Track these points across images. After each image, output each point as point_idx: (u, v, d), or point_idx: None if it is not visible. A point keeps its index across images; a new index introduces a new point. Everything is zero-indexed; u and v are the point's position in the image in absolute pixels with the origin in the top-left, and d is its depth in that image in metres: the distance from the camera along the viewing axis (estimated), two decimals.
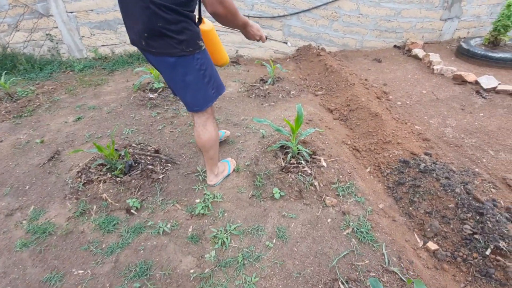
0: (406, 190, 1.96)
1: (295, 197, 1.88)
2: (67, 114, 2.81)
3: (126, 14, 1.35)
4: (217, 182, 1.99)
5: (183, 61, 1.38)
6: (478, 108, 2.88)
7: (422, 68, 3.74)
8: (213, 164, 1.88)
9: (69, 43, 3.91)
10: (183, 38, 1.32)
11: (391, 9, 4.15)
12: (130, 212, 1.79)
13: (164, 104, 2.89)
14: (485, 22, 4.61)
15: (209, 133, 1.67)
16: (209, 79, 1.51)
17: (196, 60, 1.41)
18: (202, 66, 1.45)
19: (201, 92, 1.51)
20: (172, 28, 1.28)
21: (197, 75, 1.45)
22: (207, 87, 1.52)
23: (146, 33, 1.30)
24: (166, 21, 1.26)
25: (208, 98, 1.56)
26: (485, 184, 1.99)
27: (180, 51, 1.34)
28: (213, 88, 1.56)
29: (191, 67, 1.42)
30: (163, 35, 1.29)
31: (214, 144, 1.74)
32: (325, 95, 3.19)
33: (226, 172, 2.05)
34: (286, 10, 3.95)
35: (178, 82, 1.47)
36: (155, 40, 1.31)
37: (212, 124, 1.68)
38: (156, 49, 1.34)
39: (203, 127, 1.65)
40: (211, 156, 1.81)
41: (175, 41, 1.31)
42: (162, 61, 1.39)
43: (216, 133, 1.71)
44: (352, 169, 2.11)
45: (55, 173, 2.09)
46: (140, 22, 1.28)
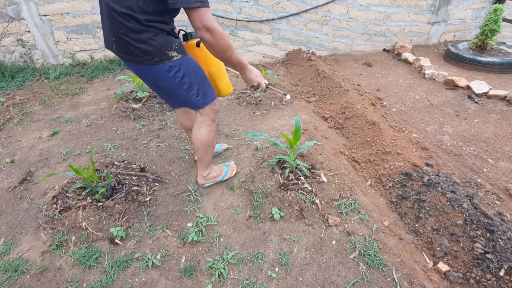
0: (410, 205, 1.87)
1: (296, 217, 1.75)
2: (41, 128, 2.56)
3: (102, 17, 1.34)
4: (205, 184, 1.94)
5: (154, 69, 1.33)
6: (472, 113, 2.86)
7: (413, 73, 3.72)
8: (202, 165, 1.84)
9: (43, 48, 3.62)
10: (146, 49, 1.26)
11: (380, 13, 4.12)
12: (114, 242, 1.60)
13: (149, 115, 2.69)
14: (470, 25, 4.67)
15: (200, 135, 1.64)
16: (189, 86, 1.44)
17: (169, 68, 1.34)
18: (177, 74, 1.37)
19: (182, 98, 1.48)
20: (134, 37, 1.23)
21: (173, 82, 1.39)
22: (188, 94, 1.46)
23: (114, 38, 1.28)
24: (128, 30, 1.22)
25: (193, 105, 1.52)
26: (489, 196, 1.93)
27: (145, 61, 1.30)
28: (198, 95, 1.49)
29: (164, 74, 1.36)
30: (126, 42, 1.25)
31: (205, 147, 1.70)
32: (319, 101, 3.09)
33: (220, 178, 1.96)
34: (275, 13, 3.83)
35: (155, 88, 1.47)
36: (121, 46, 1.29)
37: (207, 127, 1.63)
38: (124, 55, 1.32)
39: (198, 127, 1.64)
40: (200, 157, 1.78)
41: (138, 50, 1.27)
42: (134, 67, 1.37)
43: (208, 139, 1.66)
44: (353, 182, 2.00)
45: (27, 198, 1.86)
46: (108, 27, 1.28)
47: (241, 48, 4.04)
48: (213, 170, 1.93)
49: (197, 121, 1.63)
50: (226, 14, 3.73)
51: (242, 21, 3.79)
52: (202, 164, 1.83)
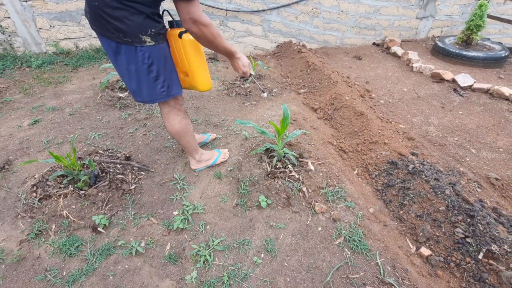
0: (395, 193, 1.89)
1: (283, 204, 1.74)
2: (21, 116, 2.47)
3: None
4: (198, 168, 1.95)
5: (125, 49, 1.30)
6: (456, 106, 2.91)
7: (402, 66, 3.76)
8: (190, 151, 1.86)
9: (24, 35, 3.48)
10: (119, 26, 1.22)
11: (370, 6, 4.13)
12: (97, 230, 1.56)
13: (135, 104, 2.63)
14: (457, 21, 4.75)
15: (172, 126, 1.63)
16: (157, 75, 1.41)
17: (140, 52, 1.31)
18: (146, 60, 1.34)
19: (145, 86, 1.43)
20: (108, 12, 1.19)
21: (141, 67, 1.36)
22: (154, 83, 1.43)
23: (88, 9, 1.25)
24: (103, 3, 1.18)
25: (155, 95, 1.46)
26: (471, 183, 1.97)
27: (117, 38, 1.26)
28: (163, 86, 1.46)
29: (134, 57, 1.32)
30: (99, 16, 1.22)
31: (182, 136, 1.69)
32: (308, 93, 3.09)
33: (211, 162, 1.98)
34: (266, 4, 3.79)
35: (122, 69, 1.38)
36: (95, 19, 1.25)
37: (175, 116, 1.61)
38: (97, 28, 1.28)
39: (167, 119, 1.62)
40: (184, 146, 1.80)
41: (111, 26, 1.23)
42: (105, 42, 1.31)
43: (182, 127, 1.65)
44: (340, 171, 2.01)
45: (5, 187, 1.79)
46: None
47: (231, 39, 3.99)
48: (204, 154, 1.95)
49: (163, 113, 1.61)
50: (216, 4, 3.67)
51: (232, 11, 3.74)
52: (190, 151, 1.86)
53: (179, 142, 1.76)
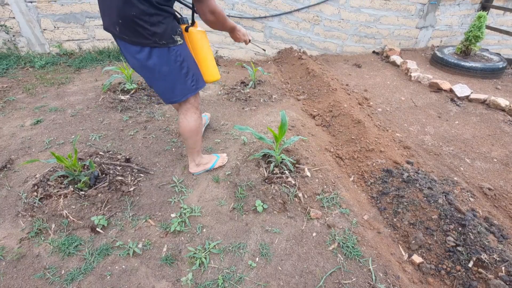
0: (390, 201, 1.93)
1: (279, 209, 1.78)
2: (23, 116, 2.50)
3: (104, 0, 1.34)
4: (197, 172, 1.97)
5: (158, 52, 1.39)
6: (453, 115, 2.95)
7: (400, 75, 3.81)
8: (193, 153, 1.88)
9: (28, 36, 3.53)
10: (155, 31, 1.33)
11: (371, 16, 4.20)
12: (96, 231, 1.59)
13: (137, 107, 2.67)
14: (456, 31, 4.82)
15: (188, 123, 1.68)
16: (187, 70, 1.52)
17: (172, 52, 1.42)
18: (178, 57, 1.45)
19: (178, 83, 1.52)
20: (146, 19, 1.29)
21: (174, 66, 1.46)
22: (185, 79, 1.53)
23: (120, 20, 1.30)
24: (140, 11, 1.27)
25: (187, 90, 1.56)
26: (464, 193, 2.01)
27: (152, 43, 1.35)
28: (192, 80, 1.57)
29: (167, 58, 1.42)
30: (136, 24, 1.29)
31: (194, 135, 1.73)
32: (307, 100, 3.13)
33: (210, 165, 2.00)
34: (268, 11, 3.85)
35: (154, 72, 1.45)
36: (128, 28, 1.31)
37: (193, 115, 1.67)
38: (129, 37, 1.34)
39: (184, 116, 1.67)
40: (190, 146, 1.82)
41: (147, 32, 1.32)
42: (134, 50, 1.38)
43: (196, 125, 1.70)
44: (336, 178, 2.05)
45: (7, 185, 1.83)
46: (115, 8, 1.28)
47: (233, 45, 4.04)
48: (203, 158, 1.98)
49: (182, 110, 1.66)
50: None
51: (234, 17, 3.80)
52: (193, 152, 1.88)
53: (187, 141, 1.77)
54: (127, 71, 2.77)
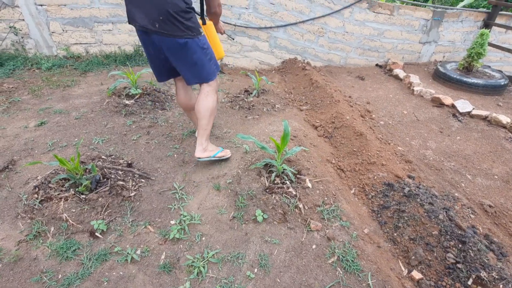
0: (390, 215, 1.92)
1: (279, 220, 1.77)
2: (28, 117, 2.52)
3: (139, 1, 1.59)
4: (202, 158, 2.04)
5: (192, 42, 1.70)
6: (455, 131, 2.96)
7: (403, 89, 3.84)
8: (204, 135, 2.00)
9: (36, 38, 3.58)
10: (189, 25, 1.66)
11: (375, 29, 4.25)
12: (94, 236, 1.59)
13: (140, 112, 2.69)
14: (459, 47, 4.87)
15: (207, 102, 1.91)
16: (210, 57, 1.86)
17: (200, 42, 1.75)
18: (204, 45, 1.79)
19: (205, 67, 1.83)
20: (183, 15, 1.62)
21: (202, 53, 1.78)
22: (210, 63, 1.86)
23: (161, 17, 1.58)
24: (180, 9, 1.60)
25: (211, 73, 1.88)
26: (465, 209, 2.00)
27: (186, 35, 1.66)
28: (214, 64, 1.91)
29: (198, 47, 1.74)
30: (175, 20, 1.60)
31: (209, 115, 1.94)
32: (310, 110, 3.15)
33: (214, 153, 2.10)
34: (273, 22, 3.91)
35: (187, 60, 1.76)
36: (167, 23, 1.60)
37: (213, 96, 1.93)
38: (167, 31, 1.62)
39: (205, 96, 1.91)
40: (203, 126, 1.97)
41: (184, 26, 1.64)
42: (172, 42, 1.67)
43: (214, 106, 1.94)
44: (337, 190, 2.04)
45: (7, 186, 1.83)
46: (157, 7, 1.56)
47: (238, 53, 4.09)
48: (210, 145, 2.11)
49: (204, 91, 1.92)
50: (225, 19, 3.78)
51: (240, 26, 3.86)
52: (204, 134, 2.00)
53: (202, 120, 1.94)
54: (132, 76, 2.80)
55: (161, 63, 1.88)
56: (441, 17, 4.41)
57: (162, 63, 1.87)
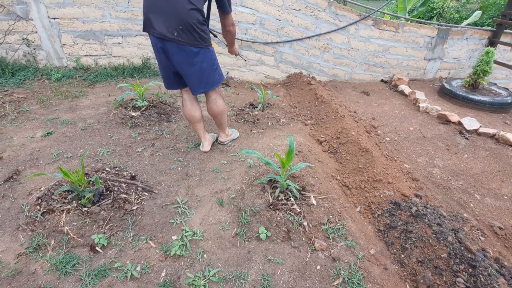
0: (397, 235, 1.87)
1: (283, 238, 1.73)
2: (35, 127, 2.55)
3: (160, 10, 1.74)
4: (227, 141, 2.54)
5: (203, 51, 1.90)
6: (462, 149, 2.92)
7: (408, 105, 3.83)
8: (224, 127, 2.44)
9: (48, 49, 3.67)
10: (204, 36, 1.86)
11: (380, 45, 4.29)
12: (95, 250, 1.56)
13: (146, 124, 2.71)
14: (464, 64, 4.88)
15: (218, 106, 2.21)
16: (216, 67, 2.06)
17: (209, 52, 1.96)
18: (213, 56, 2.01)
19: (210, 76, 2.02)
20: (199, 26, 1.80)
21: (210, 63, 1.98)
22: (214, 73, 2.05)
23: (181, 26, 1.75)
24: (198, 21, 1.79)
25: (214, 82, 2.08)
26: (474, 231, 1.94)
27: (200, 44, 1.85)
28: (219, 75, 2.10)
29: (207, 56, 1.94)
30: (193, 30, 1.78)
31: (224, 113, 2.29)
32: (315, 125, 3.14)
33: (233, 136, 2.59)
34: (279, 37, 3.97)
35: (197, 68, 1.92)
36: (186, 32, 1.77)
37: (220, 100, 2.22)
38: (184, 40, 1.79)
39: (214, 102, 2.19)
40: (222, 122, 2.37)
41: (199, 36, 1.83)
42: (187, 50, 1.84)
43: (224, 107, 2.26)
44: (342, 208, 2.00)
45: (10, 197, 1.82)
46: (177, 17, 1.73)
47: (244, 67, 4.14)
48: (228, 130, 2.55)
49: (211, 98, 2.16)
50: None
51: (247, 41, 3.92)
52: (224, 127, 2.43)
53: (220, 119, 2.31)
54: (139, 89, 2.83)
55: (172, 71, 2.01)
56: (446, 34, 4.44)
57: (172, 71, 2.01)
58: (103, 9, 3.57)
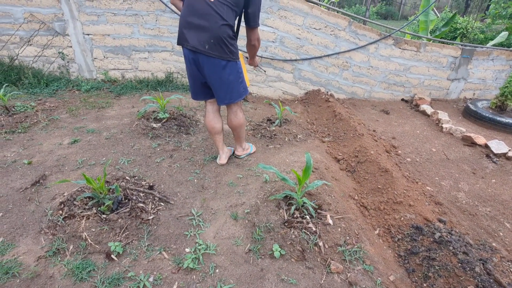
0: (419, 262, 1.76)
1: (297, 257, 1.68)
2: (63, 135, 2.69)
3: (194, 26, 1.86)
4: (243, 155, 2.56)
5: (231, 64, 2.00)
6: (489, 173, 2.77)
7: (431, 125, 3.72)
8: (241, 140, 2.48)
9: (80, 63, 3.92)
10: (233, 50, 1.97)
11: (400, 64, 4.25)
12: (110, 257, 1.58)
13: (166, 136, 2.78)
14: (490, 85, 4.71)
15: (238, 119, 2.28)
16: (242, 80, 2.15)
17: (237, 65, 2.06)
18: (239, 69, 2.10)
19: (236, 88, 2.11)
20: (230, 41, 1.92)
21: (236, 75, 2.07)
22: (240, 85, 2.13)
23: (213, 40, 1.86)
24: (229, 36, 1.91)
25: (240, 94, 2.16)
26: (504, 262, 1.80)
27: (229, 57, 1.96)
28: (244, 88, 2.19)
29: (235, 69, 2.04)
30: (223, 44, 1.89)
31: (243, 126, 2.36)
32: (333, 142, 3.11)
33: (249, 150, 2.62)
34: (299, 55, 4.04)
35: (224, 79, 2.01)
36: (216, 46, 1.88)
37: (241, 113, 2.29)
38: (214, 52, 1.90)
39: (235, 115, 2.26)
40: (240, 135, 2.42)
41: (229, 50, 1.94)
42: (216, 62, 1.94)
43: (244, 120, 2.33)
44: (360, 229, 1.93)
45: (36, 200, 1.91)
46: (210, 31, 1.85)
47: (262, 83, 4.21)
48: (245, 144, 2.58)
49: (232, 110, 2.24)
50: None
51: (266, 58, 4.01)
52: (241, 140, 2.47)
53: (238, 132, 2.37)
54: (162, 101, 2.94)
55: (200, 82, 2.11)
56: (470, 55, 4.34)
57: (201, 81, 2.11)
58: (132, 27, 3.80)
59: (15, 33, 3.65)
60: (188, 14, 1.87)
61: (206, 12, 1.82)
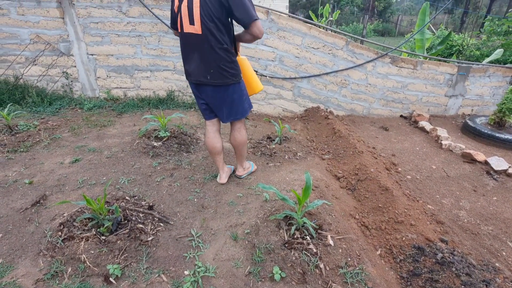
0: (422, 284, 1.73)
1: (298, 280, 1.65)
2: (65, 154, 2.71)
3: (192, 60, 1.94)
4: (243, 175, 2.55)
5: (234, 86, 2.04)
6: (490, 190, 2.76)
7: (430, 142, 3.73)
8: (242, 159, 2.47)
9: (84, 82, 4.01)
10: (233, 72, 1.98)
11: (398, 82, 4.32)
12: (108, 281, 1.56)
13: (166, 154, 2.80)
14: (488, 102, 4.77)
15: (241, 136, 2.29)
16: (246, 97, 2.18)
17: (241, 84, 2.09)
18: (242, 87, 2.11)
19: (240, 106, 2.14)
20: (228, 65, 1.93)
21: (240, 94, 2.10)
22: (244, 103, 2.16)
23: (212, 70, 1.91)
24: (226, 61, 1.91)
25: (244, 111, 2.19)
26: (508, 283, 1.77)
27: (231, 81, 1.99)
28: (248, 104, 2.21)
29: (238, 88, 2.07)
30: (223, 70, 1.93)
31: (245, 143, 2.35)
32: (332, 160, 3.12)
33: (250, 169, 2.62)
34: (298, 73, 4.12)
35: (228, 100, 2.06)
36: (217, 74, 1.92)
37: (244, 130, 2.30)
38: (217, 81, 1.95)
39: (239, 131, 2.27)
40: (242, 153, 2.41)
41: (229, 74, 1.96)
42: (221, 89, 2.00)
43: (246, 137, 2.33)
44: (361, 250, 1.91)
45: (36, 221, 1.90)
46: (208, 63, 1.89)
47: (262, 100, 4.28)
48: (246, 163, 2.57)
49: (235, 127, 2.26)
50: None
51: (266, 76, 4.09)
52: (242, 159, 2.47)
53: (240, 150, 2.36)
54: (163, 120, 2.98)
55: (208, 107, 2.19)
56: (466, 72, 4.43)
57: (209, 107, 2.18)
58: (135, 47, 3.91)
59: (21, 53, 3.76)
60: (184, 49, 1.96)
61: (198, 45, 1.86)
